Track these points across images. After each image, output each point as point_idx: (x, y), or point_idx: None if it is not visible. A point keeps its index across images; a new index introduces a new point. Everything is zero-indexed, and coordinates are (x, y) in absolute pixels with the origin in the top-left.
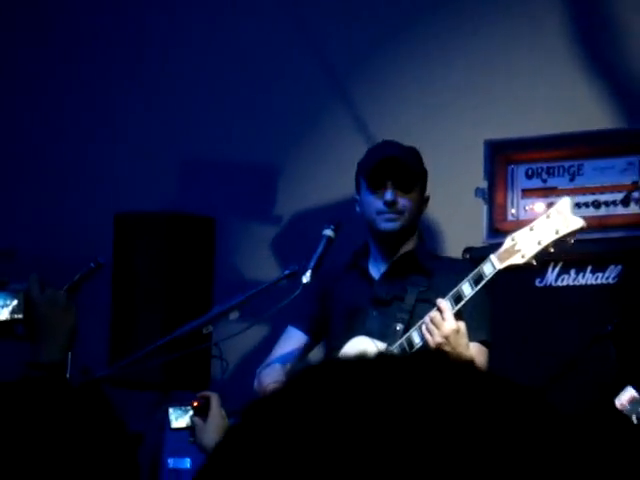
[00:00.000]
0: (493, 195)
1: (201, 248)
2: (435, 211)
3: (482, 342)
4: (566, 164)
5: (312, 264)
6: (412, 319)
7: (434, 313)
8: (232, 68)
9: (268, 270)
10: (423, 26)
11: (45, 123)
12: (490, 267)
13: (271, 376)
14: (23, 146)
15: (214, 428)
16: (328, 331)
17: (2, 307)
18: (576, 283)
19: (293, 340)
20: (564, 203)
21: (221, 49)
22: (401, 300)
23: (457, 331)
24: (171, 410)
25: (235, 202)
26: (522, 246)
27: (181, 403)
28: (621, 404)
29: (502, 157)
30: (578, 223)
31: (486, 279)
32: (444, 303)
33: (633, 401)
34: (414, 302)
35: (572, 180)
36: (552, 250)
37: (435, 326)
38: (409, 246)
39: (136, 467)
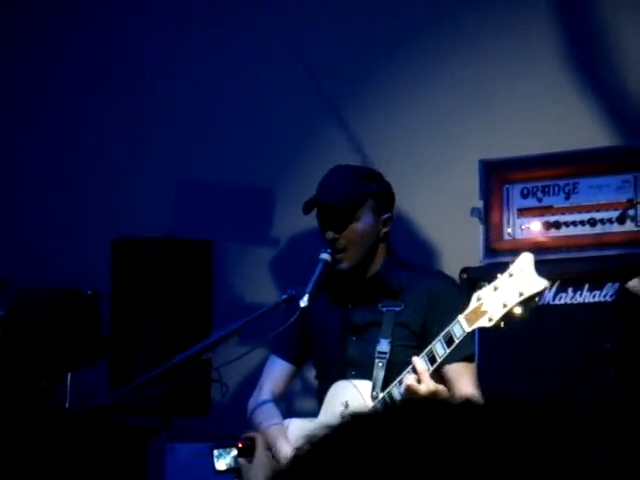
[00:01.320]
0: (489, 215)
1: (199, 272)
2: (431, 231)
3: (467, 358)
4: (561, 183)
5: (309, 288)
6: (393, 348)
7: (411, 379)
8: (228, 92)
9: (266, 292)
10: (417, 46)
11: (41, 151)
12: (459, 329)
13: (267, 417)
14: (19, 174)
15: (261, 467)
16: (311, 355)
17: None
18: (574, 301)
19: (277, 370)
20: (525, 260)
21: (217, 73)
22: (378, 325)
23: (435, 392)
24: (215, 452)
25: (232, 225)
26: (488, 307)
27: (223, 444)
28: (633, 285)
29: (497, 176)
30: (541, 284)
31: (457, 341)
32: (420, 364)
33: None
34: (392, 328)
35: (567, 198)
36: (518, 311)
37: (413, 392)
38: (375, 268)
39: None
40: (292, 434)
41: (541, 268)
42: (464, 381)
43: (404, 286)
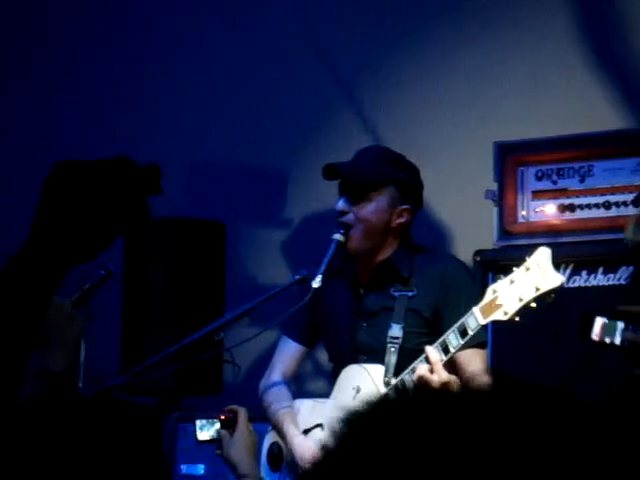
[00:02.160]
0: (503, 197)
1: (212, 253)
2: (445, 213)
3: (479, 344)
4: (576, 165)
5: (322, 269)
6: (405, 334)
7: (423, 369)
8: (240, 73)
9: (278, 274)
10: (430, 29)
11: (53, 125)
12: (474, 321)
13: (277, 399)
14: (29, 148)
15: (242, 443)
16: (322, 338)
17: None
18: (588, 284)
19: (289, 350)
20: (543, 254)
21: (230, 54)
22: (390, 310)
23: (447, 383)
24: (197, 422)
25: (245, 207)
26: (504, 301)
27: (207, 414)
28: (596, 335)
29: (512, 159)
30: (558, 280)
31: (471, 333)
32: (434, 354)
33: (604, 327)
34: (404, 314)
35: (582, 181)
36: (534, 305)
37: (425, 382)
38: (386, 254)
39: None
40: (303, 415)
41: (555, 251)
42: (475, 365)
43: (416, 272)
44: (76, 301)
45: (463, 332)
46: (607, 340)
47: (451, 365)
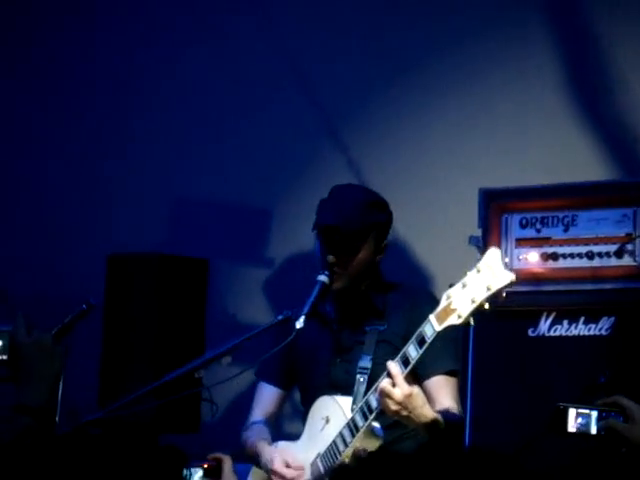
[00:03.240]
0: (487, 243)
1: (194, 289)
2: (429, 257)
3: (449, 372)
4: (560, 214)
5: (306, 309)
6: (375, 365)
7: (385, 382)
8: (226, 110)
9: (260, 312)
10: (417, 73)
11: (38, 166)
12: (430, 328)
13: (256, 435)
14: (15, 187)
15: None
16: (297, 378)
17: None
18: (569, 334)
19: (266, 395)
20: (493, 255)
21: (214, 91)
22: (362, 344)
23: (410, 395)
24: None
25: (228, 244)
26: (457, 305)
27: (190, 463)
28: (572, 427)
29: (497, 206)
30: (508, 277)
31: (429, 340)
32: (394, 368)
33: (579, 415)
34: (375, 345)
35: (566, 230)
36: (487, 306)
37: (387, 395)
38: (362, 287)
39: None
40: (279, 457)
41: (537, 299)
42: (443, 393)
43: (389, 306)
44: (56, 334)
45: (421, 341)
46: (589, 430)
47: (414, 381)
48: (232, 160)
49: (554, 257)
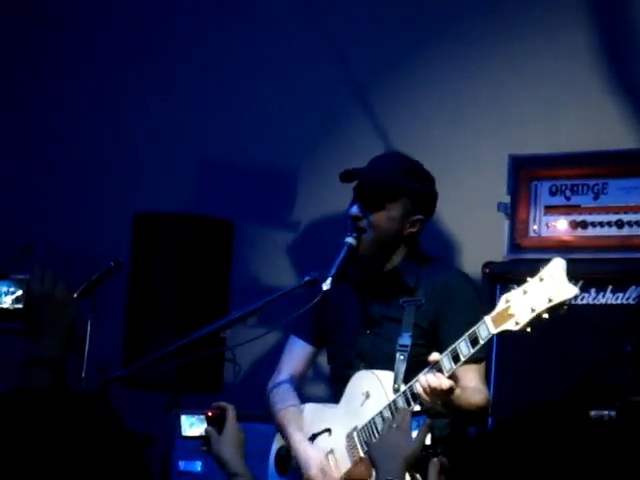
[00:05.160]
0: (515, 210)
1: (219, 251)
2: (457, 224)
3: (475, 360)
4: (590, 182)
5: (333, 271)
6: (413, 344)
7: (432, 378)
8: (254, 73)
9: (283, 275)
10: (447, 39)
11: (66, 123)
12: (485, 330)
13: (283, 399)
14: (45, 145)
15: (230, 440)
16: (325, 340)
17: (6, 294)
18: (596, 302)
19: (297, 351)
20: (557, 266)
21: (244, 54)
22: (395, 321)
23: (453, 390)
24: (183, 417)
25: (254, 207)
26: (516, 310)
27: (194, 411)
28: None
29: (526, 173)
30: (571, 292)
31: (482, 342)
32: (443, 362)
33: None
34: (413, 323)
35: (596, 199)
36: (546, 316)
37: (434, 390)
38: (393, 263)
39: (147, 471)
40: (308, 419)
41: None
42: (472, 377)
43: (422, 282)
44: (83, 291)
45: (474, 341)
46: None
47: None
48: (259, 123)
49: (583, 225)
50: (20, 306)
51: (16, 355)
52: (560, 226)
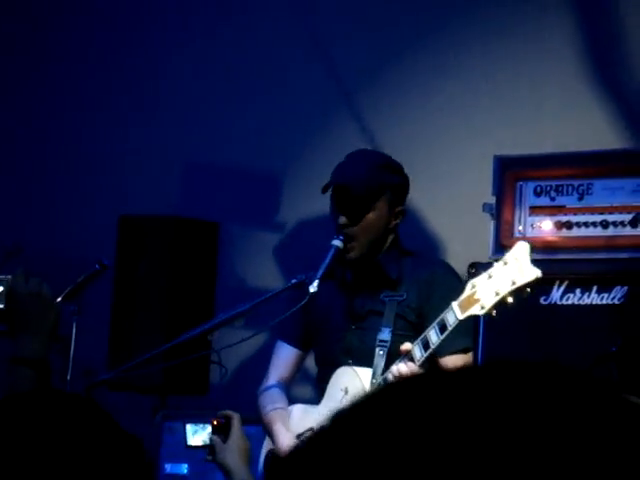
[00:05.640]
0: (501, 211)
1: (204, 253)
2: (441, 224)
3: (463, 350)
4: (575, 183)
5: (320, 274)
6: (393, 337)
7: (403, 367)
8: (239, 73)
9: (270, 277)
10: (433, 39)
11: (51, 126)
12: (452, 316)
13: (272, 401)
14: (30, 146)
15: (235, 448)
16: (313, 340)
17: None
18: (581, 302)
19: (285, 355)
20: (521, 249)
21: (228, 54)
22: (379, 314)
23: None
24: (188, 426)
25: (239, 208)
26: (481, 295)
27: (198, 419)
28: None
29: (511, 173)
30: (534, 273)
31: (450, 327)
32: (416, 352)
33: None
34: (394, 318)
35: (581, 199)
36: (510, 300)
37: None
38: (377, 256)
39: (148, 470)
40: (294, 419)
41: (550, 267)
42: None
43: (404, 275)
44: (68, 294)
45: (442, 327)
46: None
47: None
48: (244, 124)
49: (568, 225)
50: (1, 306)
51: (1, 355)
52: (545, 227)
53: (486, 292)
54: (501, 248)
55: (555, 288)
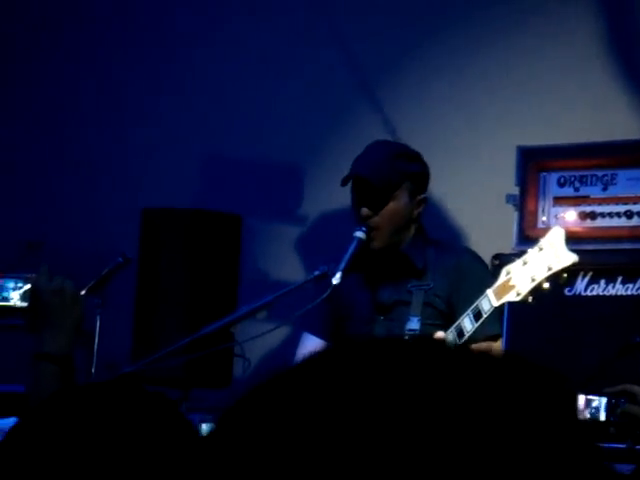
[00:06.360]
0: (524, 202)
1: (227, 245)
2: (465, 215)
3: (493, 337)
4: (599, 173)
5: (343, 265)
6: (422, 327)
7: None
8: (260, 66)
9: (292, 269)
10: (455, 30)
11: (74, 118)
12: (487, 303)
13: None
14: (53, 140)
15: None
16: (340, 333)
17: (14, 289)
18: (606, 293)
19: (311, 347)
20: (556, 234)
21: (249, 47)
22: (406, 304)
23: None
24: (204, 426)
25: (262, 201)
26: (517, 281)
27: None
28: (582, 413)
29: (534, 164)
30: (570, 258)
31: (485, 315)
32: (448, 338)
33: (588, 402)
34: (422, 307)
35: (605, 189)
36: (547, 286)
37: None
38: (401, 247)
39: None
40: None
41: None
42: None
43: (430, 264)
44: (92, 287)
45: (477, 315)
46: (598, 416)
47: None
48: (265, 116)
49: (592, 216)
50: (25, 304)
51: (26, 351)
52: (569, 217)
53: (522, 278)
54: (525, 239)
55: (580, 279)
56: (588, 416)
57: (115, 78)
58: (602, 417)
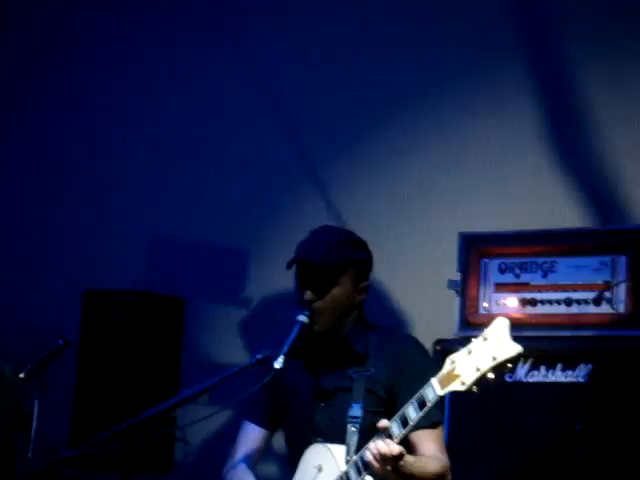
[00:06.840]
0: (466, 288)
1: (169, 328)
2: (407, 301)
3: (434, 424)
4: (539, 260)
5: (285, 349)
6: (365, 414)
7: (382, 445)
8: (205, 149)
9: (235, 353)
10: (399, 116)
11: (14, 199)
12: (432, 392)
13: (237, 476)
14: None
15: None
16: (280, 421)
17: None
18: (546, 380)
19: (251, 436)
20: (501, 324)
21: (195, 131)
22: (347, 390)
23: (404, 456)
24: None
25: (205, 283)
26: (461, 371)
27: None
28: None
29: (476, 250)
30: (515, 349)
31: (430, 404)
32: (395, 429)
33: None
34: (363, 393)
35: (545, 277)
36: (492, 376)
37: (384, 457)
38: (342, 332)
39: None
40: None
41: None
42: (430, 445)
43: (371, 350)
44: (31, 370)
45: (421, 404)
46: None
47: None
48: (210, 200)
49: (532, 303)
50: None
51: None
52: (510, 303)
53: (466, 368)
54: (466, 325)
55: (520, 365)
56: None
57: (59, 157)
58: None
